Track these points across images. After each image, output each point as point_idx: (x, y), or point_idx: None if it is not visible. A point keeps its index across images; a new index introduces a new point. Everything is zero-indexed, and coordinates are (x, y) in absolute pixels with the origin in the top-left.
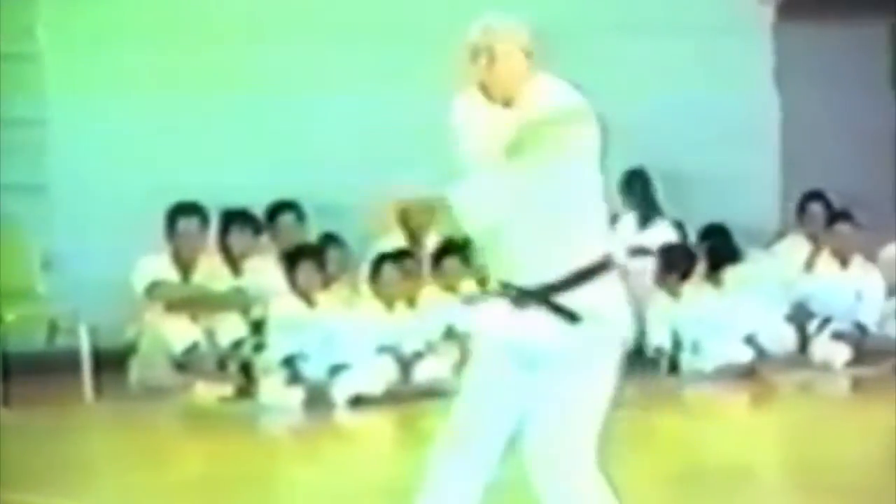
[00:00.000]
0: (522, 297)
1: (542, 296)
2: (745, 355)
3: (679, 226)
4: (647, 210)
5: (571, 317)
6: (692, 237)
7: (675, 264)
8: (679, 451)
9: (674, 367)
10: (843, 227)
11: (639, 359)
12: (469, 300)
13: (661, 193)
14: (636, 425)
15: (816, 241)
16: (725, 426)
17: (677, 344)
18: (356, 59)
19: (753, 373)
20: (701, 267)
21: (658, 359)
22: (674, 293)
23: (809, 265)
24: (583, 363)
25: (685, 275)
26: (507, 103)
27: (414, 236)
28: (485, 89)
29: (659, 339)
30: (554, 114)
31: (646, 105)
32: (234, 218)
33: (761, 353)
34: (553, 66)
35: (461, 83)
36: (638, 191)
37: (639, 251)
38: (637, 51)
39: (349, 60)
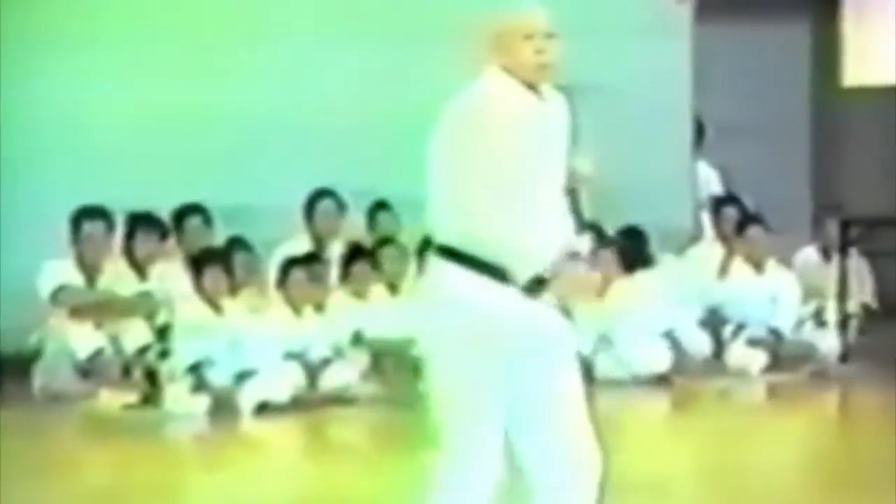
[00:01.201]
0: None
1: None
2: (660, 361)
3: (595, 228)
4: (574, 215)
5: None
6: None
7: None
8: None
9: (588, 372)
10: (754, 232)
11: None
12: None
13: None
14: None
15: (730, 246)
16: (640, 433)
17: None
18: (262, 58)
19: (668, 380)
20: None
21: None
22: None
23: (723, 270)
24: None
25: None
26: (534, 87)
27: (320, 241)
28: (513, 72)
29: None
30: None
31: None
32: (140, 222)
33: (677, 359)
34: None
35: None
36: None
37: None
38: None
39: (255, 61)
